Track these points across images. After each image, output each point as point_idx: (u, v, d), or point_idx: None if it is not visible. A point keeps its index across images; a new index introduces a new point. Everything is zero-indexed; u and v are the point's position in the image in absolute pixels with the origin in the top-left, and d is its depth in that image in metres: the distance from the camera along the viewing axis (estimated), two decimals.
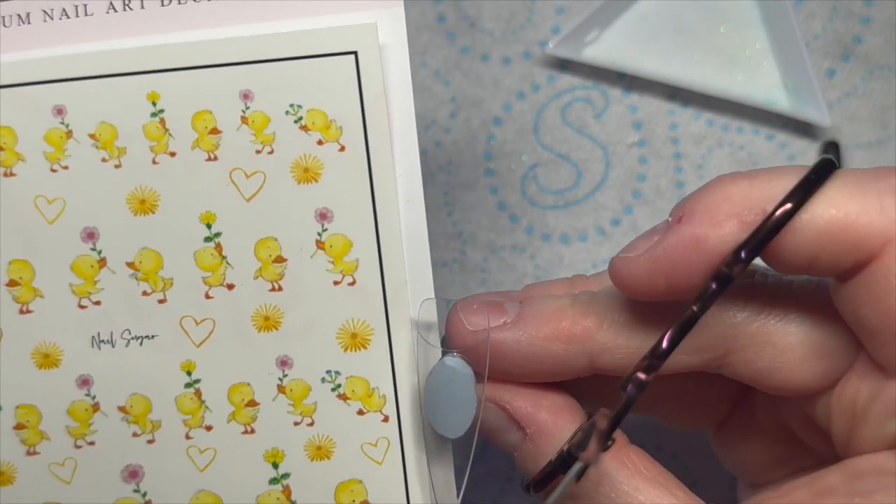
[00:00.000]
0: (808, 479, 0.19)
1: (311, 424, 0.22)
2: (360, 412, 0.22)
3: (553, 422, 0.21)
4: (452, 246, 0.34)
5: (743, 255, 0.18)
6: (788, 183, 0.18)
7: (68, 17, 0.23)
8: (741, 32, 0.34)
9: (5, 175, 0.22)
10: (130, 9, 0.22)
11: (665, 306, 0.19)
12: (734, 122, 0.34)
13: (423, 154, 0.35)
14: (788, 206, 0.18)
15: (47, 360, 0.22)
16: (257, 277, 0.22)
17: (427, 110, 0.35)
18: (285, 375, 0.22)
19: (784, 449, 0.23)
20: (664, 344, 0.18)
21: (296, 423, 0.22)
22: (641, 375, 0.18)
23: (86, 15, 0.22)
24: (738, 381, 0.21)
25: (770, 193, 0.18)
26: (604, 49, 0.34)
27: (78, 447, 0.22)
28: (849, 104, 0.34)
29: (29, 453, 0.22)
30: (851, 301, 0.18)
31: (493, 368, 0.21)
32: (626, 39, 0.34)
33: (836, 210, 0.18)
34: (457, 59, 0.35)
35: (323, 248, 0.22)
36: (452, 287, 0.34)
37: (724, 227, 0.18)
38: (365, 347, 0.22)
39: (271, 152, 0.22)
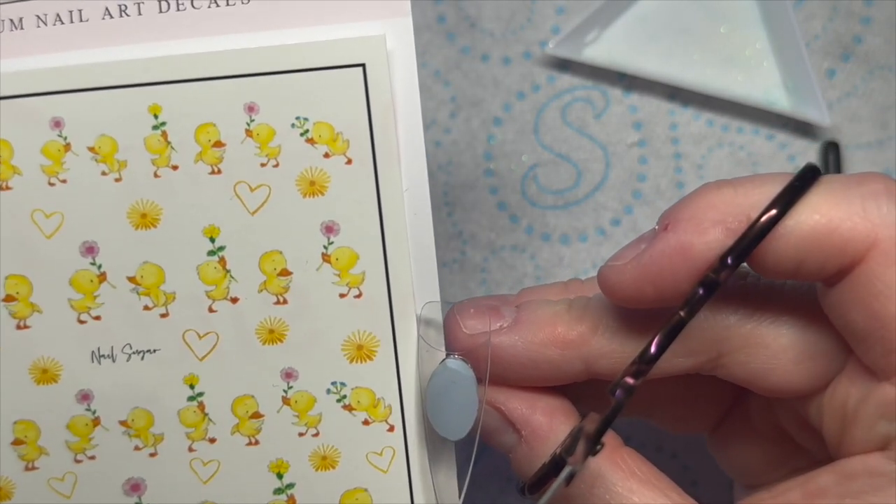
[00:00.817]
0: (801, 480, 0.20)
1: (316, 435, 0.22)
2: (366, 422, 0.22)
3: (547, 424, 0.21)
4: (452, 246, 0.34)
5: (729, 261, 0.18)
6: (773, 190, 0.18)
7: (63, 23, 0.22)
8: (741, 32, 0.34)
9: (1, 188, 0.22)
10: (127, 15, 0.22)
11: (659, 312, 0.20)
12: (734, 122, 0.34)
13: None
14: (773, 212, 0.18)
15: (46, 375, 0.22)
16: (262, 291, 0.22)
17: (427, 110, 0.34)
18: (290, 387, 0.22)
19: (779, 450, 0.23)
20: (652, 349, 0.19)
21: (300, 434, 0.22)
22: (630, 380, 0.19)
23: (81, 21, 0.22)
24: (732, 383, 0.21)
25: (754, 200, 0.18)
26: (604, 49, 0.34)
27: (78, 461, 0.22)
28: (849, 104, 0.34)
29: (27, 468, 0.22)
30: (838, 305, 0.19)
31: (489, 372, 0.21)
32: (626, 39, 0.34)
33: (819, 216, 0.18)
34: (457, 59, 0.34)
35: (329, 261, 0.22)
36: (452, 287, 0.34)
37: (709, 234, 0.18)
38: (371, 359, 0.22)
39: (276, 165, 0.22)
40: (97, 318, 0.22)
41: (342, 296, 0.22)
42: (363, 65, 0.21)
